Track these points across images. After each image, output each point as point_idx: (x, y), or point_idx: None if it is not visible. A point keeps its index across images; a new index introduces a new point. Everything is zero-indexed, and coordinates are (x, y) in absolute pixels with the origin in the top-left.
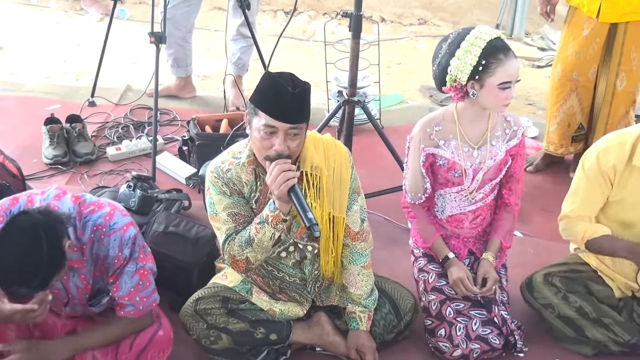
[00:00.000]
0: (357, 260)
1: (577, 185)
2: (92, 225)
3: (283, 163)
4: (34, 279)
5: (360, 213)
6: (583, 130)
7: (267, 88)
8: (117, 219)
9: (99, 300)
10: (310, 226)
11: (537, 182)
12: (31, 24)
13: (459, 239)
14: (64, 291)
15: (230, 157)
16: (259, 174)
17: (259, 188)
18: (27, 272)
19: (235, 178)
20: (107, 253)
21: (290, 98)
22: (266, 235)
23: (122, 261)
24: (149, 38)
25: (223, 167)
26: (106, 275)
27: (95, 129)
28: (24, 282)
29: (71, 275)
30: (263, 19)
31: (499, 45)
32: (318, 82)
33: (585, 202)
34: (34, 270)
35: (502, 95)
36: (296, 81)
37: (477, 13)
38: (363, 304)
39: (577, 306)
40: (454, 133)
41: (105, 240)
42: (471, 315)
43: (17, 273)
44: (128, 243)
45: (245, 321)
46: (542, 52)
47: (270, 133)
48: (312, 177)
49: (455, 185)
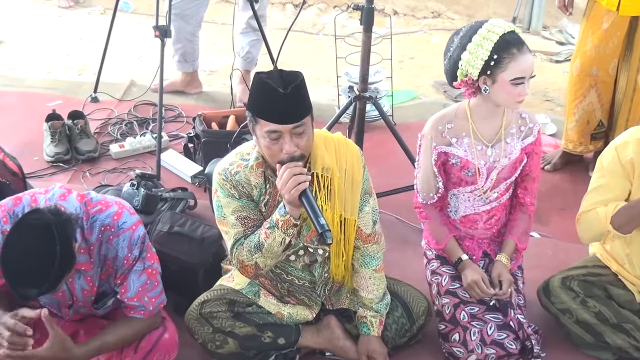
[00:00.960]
0: (368, 264)
1: (596, 182)
2: (99, 225)
3: (294, 166)
4: (45, 280)
5: (372, 215)
6: (603, 127)
7: (259, 93)
8: (126, 217)
9: (104, 303)
10: (323, 233)
11: (555, 181)
12: (32, 17)
13: (473, 240)
14: (69, 293)
15: (239, 158)
16: (269, 177)
17: (269, 191)
18: (39, 273)
19: (244, 181)
20: (116, 254)
21: (284, 99)
22: (276, 240)
23: (131, 261)
24: (154, 32)
25: (231, 169)
26: (113, 277)
27: (98, 126)
28: (35, 283)
29: (77, 278)
30: (271, 12)
31: (512, 39)
32: (328, 77)
33: (604, 197)
34: (46, 271)
35: (515, 91)
36: (286, 78)
37: (493, 6)
38: (374, 308)
39: (597, 311)
40: (466, 130)
41: (114, 240)
42: (486, 319)
43: (28, 274)
44: (137, 243)
45: (252, 325)
46: (561, 46)
47: (275, 138)
48: (323, 179)
49: (469, 185)
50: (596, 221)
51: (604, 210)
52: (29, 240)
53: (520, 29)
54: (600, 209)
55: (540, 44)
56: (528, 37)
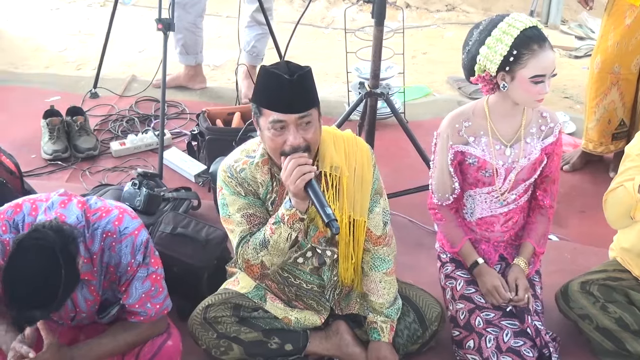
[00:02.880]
0: (378, 267)
1: (624, 166)
2: (101, 232)
3: (299, 157)
4: (51, 302)
5: (383, 216)
6: (625, 127)
7: (265, 82)
8: (127, 222)
9: (108, 312)
10: (329, 222)
11: (575, 182)
12: (29, 9)
13: (489, 243)
14: (71, 305)
15: (244, 155)
16: (275, 174)
17: (275, 189)
18: (44, 297)
19: (249, 178)
20: (119, 261)
21: (290, 86)
22: (282, 236)
23: (134, 268)
24: (156, 25)
25: (236, 166)
26: (117, 284)
27: (98, 123)
28: (40, 306)
29: (80, 288)
30: (278, 5)
31: (534, 34)
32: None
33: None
34: (52, 294)
35: (534, 89)
36: (293, 68)
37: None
38: (385, 313)
39: (617, 317)
40: (484, 129)
41: (117, 247)
42: (502, 325)
43: (33, 297)
44: (140, 248)
45: (259, 330)
46: (580, 41)
47: (280, 128)
48: (332, 178)
49: (486, 186)
50: (624, 195)
51: (631, 183)
52: (31, 264)
53: (540, 24)
54: (628, 183)
55: (558, 39)
56: (546, 32)
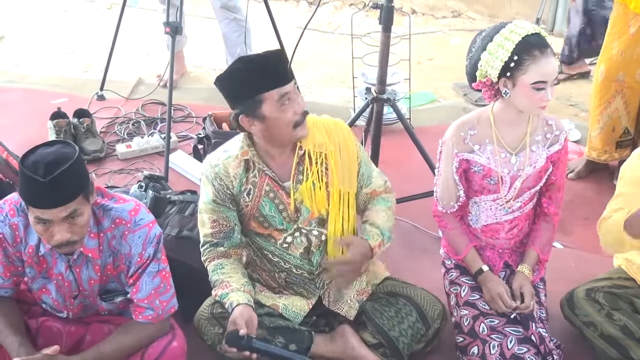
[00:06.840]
0: (380, 203)
1: (618, 190)
2: (114, 215)
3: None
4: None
5: (381, 176)
6: (629, 135)
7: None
8: (143, 215)
9: (112, 297)
10: None
11: (579, 190)
12: (36, 11)
13: (494, 250)
14: (75, 284)
15: (222, 150)
16: (252, 165)
17: (251, 180)
18: (63, 164)
19: (222, 173)
20: (130, 250)
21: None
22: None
23: (144, 260)
24: (164, 28)
25: (212, 160)
26: (125, 275)
27: (104, 125)
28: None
29: (84, 267)
30: (285, 9)
31: (535, 41)
32: (343, 78)
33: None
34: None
35: (536, 96)
36: (50, 166)
37: (516, 6)
38: (380, 228)
39: (622, 325)
40: (490, 137)
41: (129, 236)
42: (506, 332)
43: (54, 164)
44: (153, 241)
45: (263, 328)
46: None
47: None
48: (316, 155)
49: (491, 193)
50: (612, 228)
51: (621, 214)
52: (48, 149)
53: (543, 30)
54: (617, 215)
55: None
56: (552, 39)
